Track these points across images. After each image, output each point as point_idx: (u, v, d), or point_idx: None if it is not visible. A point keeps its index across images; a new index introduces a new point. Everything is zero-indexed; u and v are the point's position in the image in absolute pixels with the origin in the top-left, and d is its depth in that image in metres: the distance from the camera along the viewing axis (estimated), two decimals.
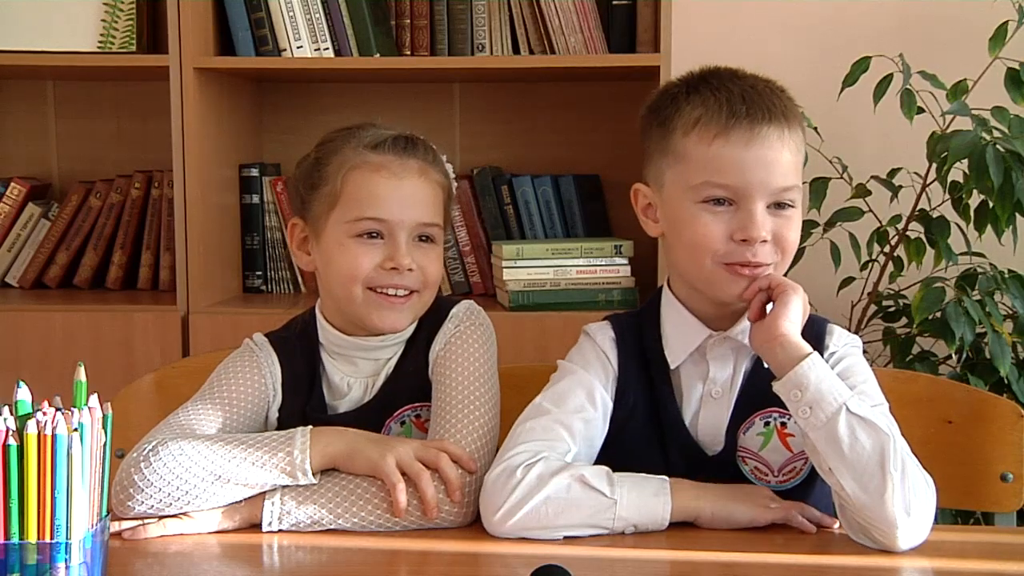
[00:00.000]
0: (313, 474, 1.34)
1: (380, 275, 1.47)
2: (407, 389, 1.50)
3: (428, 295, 1.51)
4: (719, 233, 1.36)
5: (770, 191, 1.35)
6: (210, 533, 1.33)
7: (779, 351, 1.32)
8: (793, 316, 1.34)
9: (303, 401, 1.50)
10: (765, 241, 1.36)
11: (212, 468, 1.32)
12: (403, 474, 1.33)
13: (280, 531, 1.33)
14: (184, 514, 1.33)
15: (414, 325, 1.53)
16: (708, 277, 1.38)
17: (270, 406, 1.50)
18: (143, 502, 1.32)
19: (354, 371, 1.52)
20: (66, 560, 1.06)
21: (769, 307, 1.36)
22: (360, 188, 1.48)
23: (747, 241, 1.35)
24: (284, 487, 1.34)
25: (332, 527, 1.33)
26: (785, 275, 1.40)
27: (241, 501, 1.34)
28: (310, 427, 1.37)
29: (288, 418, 1.48)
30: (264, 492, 1.34)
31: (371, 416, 1.48)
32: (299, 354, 1.53)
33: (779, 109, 1.36)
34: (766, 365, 1.36)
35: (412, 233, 1.48)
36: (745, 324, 1.39)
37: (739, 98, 1.36)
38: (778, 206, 1.37)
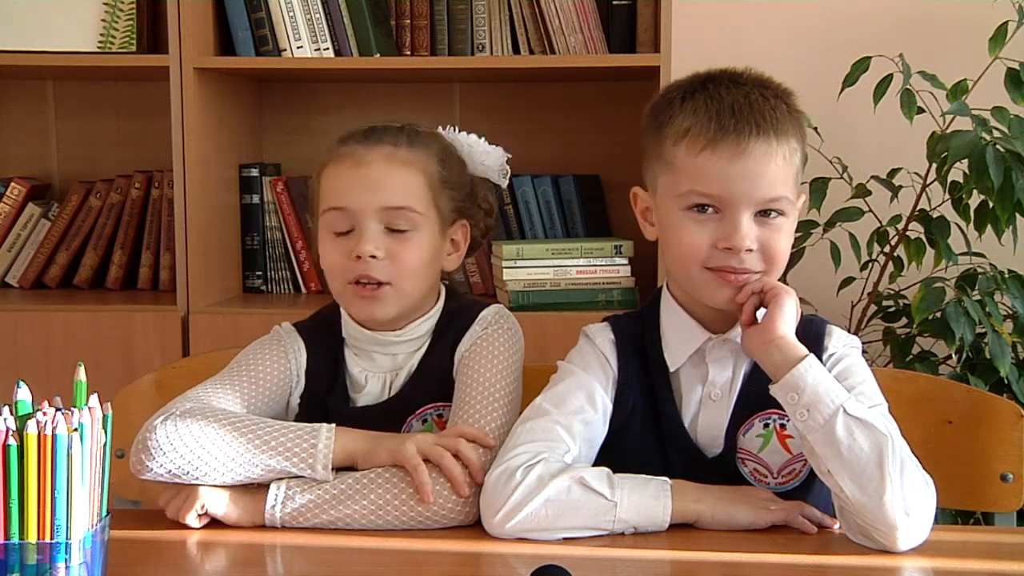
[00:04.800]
0: (332, 469, 1.34)
1: (350, 267, 1.46)
2: (430, 388, 1.50)
3: (407, 285, 1.48)
4: (704, 241, 1.36)
5: (755, 201, 1.35)
6: (210, 530, 1.33)
7: (776, 354, 1.32)
8: (788, 319, 1.34)
9: (325, 390, 1.51)
10: (751, 250, 1.35)
11: (232, 444, 1.33)
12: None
13: (283, 524, 1.33)
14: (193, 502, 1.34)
15: (432, 321, 1.52)
16: (696, 283, 1.39)
17: (292, 391, 1.51)
18: (162, 464, 1.33)
19: (371, 366, 1.52)
20: (66, 560, 1.06)
21: (760, 312, 1.36)
22: (329, 182, 1.49)
23: (731, 249, 1.35)
24: (292, 477, 1.35)
25: (333, 513, 1.33)
26: (786, 279, 1.40)
27: (253, 485, 1.35)
28: (334, 425, 1.38)
29: (309, 405, 1.49)
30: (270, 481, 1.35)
31: (393, 412, 1.49)
32: (324, 344, 1.53)
33: (770, 120, 1.35)
34: (764, 369, 1.36)
35: (380, 220, 1.46)
36: None
37: (729, 110, 1.35)
38: (767, 214, 1.37)
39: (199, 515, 1.34)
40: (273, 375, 1.49)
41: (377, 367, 1.52)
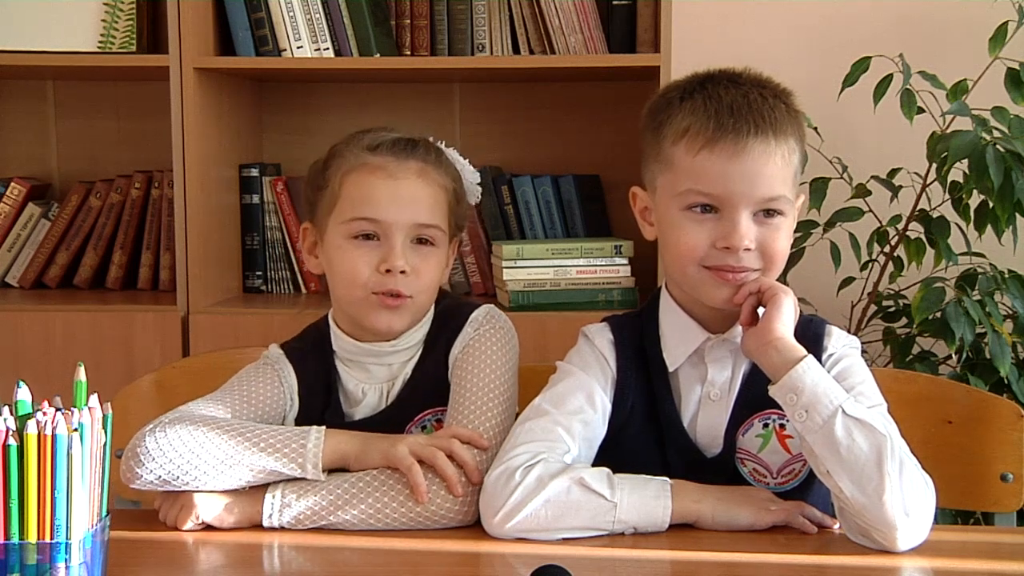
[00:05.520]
0: (323, 470, 1.34)
1: (378, 279, 1.46)
2: (426, 394, 1.50)
3: (424, 299, 1.50)
4: (702, 240, 1.36)
5: (754, 201, 1.35)
6: (211, 529, 1.33)
7: (774, 355, 1.32)
8: (786, 319, 1.34)
9: (320, 408, 1.51)
10: (749, 249, 1.35)
11: (222, 447, 1.33)
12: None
13: (281, 528, 1.33)
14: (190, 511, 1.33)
15: (425, 328, 1.52)
16: (694, 282, 1.39)
17: (287, 414, 1.51)
18: (152, 471, 1.33)
19: (368, 377, 1.52)
20: (66, 560, 1.06)
21: (761, 311, 1.36)
22: (356, 189, 1.48)
23: (729, 249, 1.35)
24: (286, 482, 1.35)
25: (332, 519, 1.33)
26: (786, 280, 1.40)
27: (246, 489, 1.35)
28: (324, 427, 1.38)
29: (306, 424, 1.48)
30: (265, 488, 1.35)
31: (391, 421, 1.48)
32: (314, 364, 1.53)
33: (768, 120, 1.36)
34: (763, 370, 1.35)
35: (409, 235, 1.47)
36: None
37: (727, 109, 1.35)
38: (766, 214, 1.37)
39: (195, 524, 1.34)
40: (266, 396, 1.48)
41: (373, 378, 1.52)
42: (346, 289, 1.48)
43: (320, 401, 1.51)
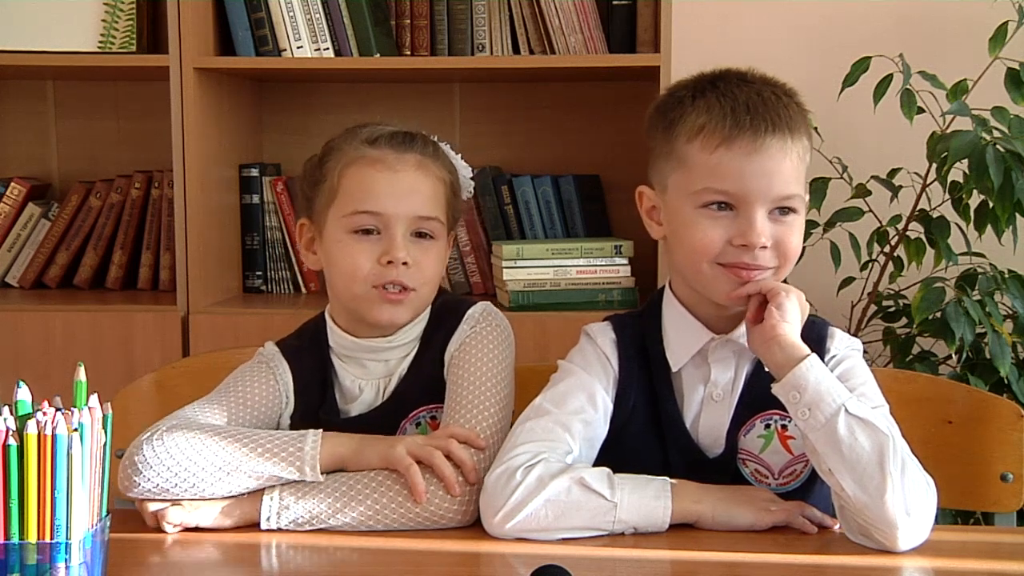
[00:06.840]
0: (320, 472, 1.34)
1: (379, 272, 1.46)
2: (422, 390, 1.50)
3: (426, 292, 1.50)
4: (718, 238, 1.36)
5: (771, 199, 1.35)
6: (208, 531, 1.33)
7: (777, 352, 1.32)
8: (790, 317, 1.34)
9: (316, 406, 1.50)
10: (765, 247, 1.36)
11: (220, 454, 1.33)
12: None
13: (279, 529, 1.33)
14: (180, 502, 1.33)
15: (422, 325, 1.52)
16: (706, 279, 1.38)
17: (282, 412, 1.51)
18: (150, 479, 1.33)
19: (364, 373, 1.52)
20: (66, 560, 1.06)
21: None
22: (356, 183, 1.48)
23: (746, 246, 1.35)
24: (283, 485, 1.34)
25: (331, 522, 1.33)
26: (786, 278, 1.41)
27: (244, 494, 1.34)
28: (321, 429, 1.37)
29: (301, 423, 1.48)
30: (263, 490, 1.34)
31: (386, 417, 1.48)
32: (310, 360, 1.52)
33: (784, 118, 1.36)
34: (767, 368, 1.36)
35: (409, 228, 1.47)
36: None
37: (744, 107, 1.35)
38: (780, 211, 1.37)
39: (175, 524, 1.33)
40: (261, 396, 1.48)
41: (370, 374, 1.52)
42: (347, 284, 1.48)
43: (316, 397, 1.51)
